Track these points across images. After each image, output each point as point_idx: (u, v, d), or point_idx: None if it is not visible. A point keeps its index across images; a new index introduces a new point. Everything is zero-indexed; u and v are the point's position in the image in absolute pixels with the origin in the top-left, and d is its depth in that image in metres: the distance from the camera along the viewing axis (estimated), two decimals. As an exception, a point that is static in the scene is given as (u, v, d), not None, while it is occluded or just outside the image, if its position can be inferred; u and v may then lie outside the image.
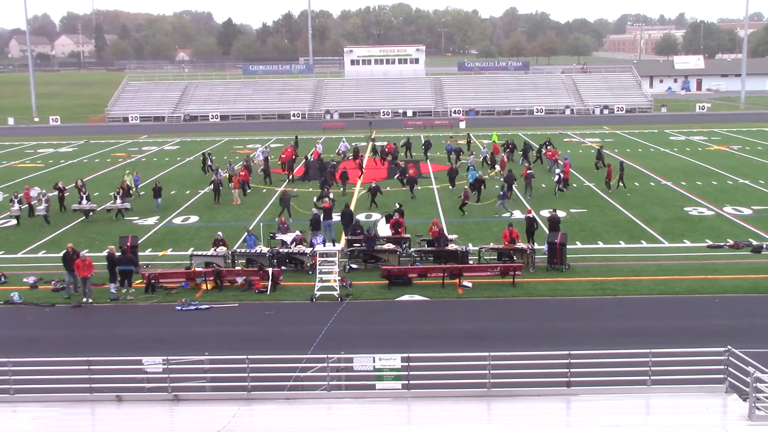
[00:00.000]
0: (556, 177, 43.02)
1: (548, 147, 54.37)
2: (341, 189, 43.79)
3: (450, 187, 44.47)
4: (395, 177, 46.36)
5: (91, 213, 38.36)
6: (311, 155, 55.31)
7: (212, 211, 39.82)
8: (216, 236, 30.14)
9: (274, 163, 51.85)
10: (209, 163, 51.17)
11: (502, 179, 42.48)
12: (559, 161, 47.79)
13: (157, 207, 39.52)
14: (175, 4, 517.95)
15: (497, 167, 49.99)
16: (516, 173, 44.19)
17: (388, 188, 44.07)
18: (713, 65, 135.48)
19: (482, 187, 41.31)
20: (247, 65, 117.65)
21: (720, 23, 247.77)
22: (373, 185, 39.48)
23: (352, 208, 36.17)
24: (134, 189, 43.23)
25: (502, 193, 38.05)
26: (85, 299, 25.60)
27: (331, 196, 36.58)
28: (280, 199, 37.99)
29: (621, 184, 43.22)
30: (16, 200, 37.80)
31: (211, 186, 42.69)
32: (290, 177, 48.78)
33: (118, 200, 38.80)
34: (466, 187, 40.51)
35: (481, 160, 51.97)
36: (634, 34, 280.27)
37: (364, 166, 50.88)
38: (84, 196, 38.59)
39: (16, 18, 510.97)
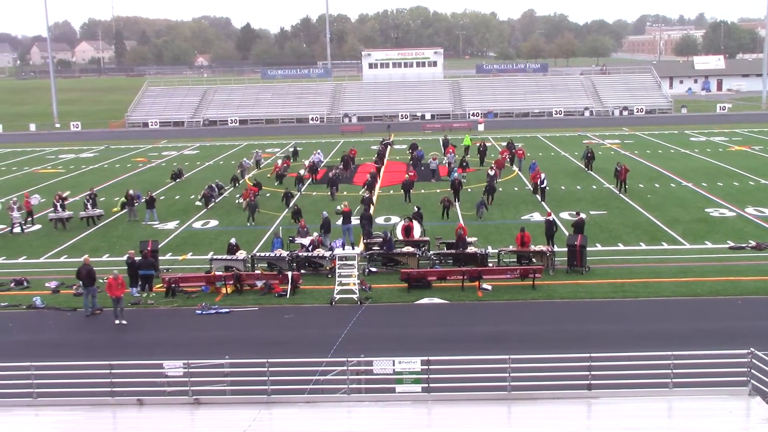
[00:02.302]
0: (543, 183, 41.95)
1: (517, 147, 55.04)
2: (329, 194, 43.74)
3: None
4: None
5: (68, 221, 38.41)
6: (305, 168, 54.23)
7: (231, 216, 39.96)
8: (229, 243, 30.25)
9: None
10: (176, 172, 52.74)
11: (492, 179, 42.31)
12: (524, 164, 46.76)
13: (147, 218, 39.00)
14: (193, 10, 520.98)
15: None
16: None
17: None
18: (734, 65, 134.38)
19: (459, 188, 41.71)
20: (265, 70, 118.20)
21: (740, 23, 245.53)
22: (366, 196, 38.17)
23: (372, 211, 36.18)
24: (136, 200, 42.62)
25: (481, 200, 38.40)
26: (117, 320, 24.51)
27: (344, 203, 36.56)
28: (247, 204, 38.74)
29: (624, 186, 43.02)
30: (22, 205, 38.39)
31: (202, 197, 42.71)
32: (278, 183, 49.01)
33: (89, 208, 38.94)
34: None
35: (445, 163, 51.62)
36: (653, 34, 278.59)
37: (382, 170, 50.96)
38: (59, 205, 38.70)
39: (38, 25, 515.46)
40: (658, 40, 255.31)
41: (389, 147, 60.68)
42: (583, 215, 32.12)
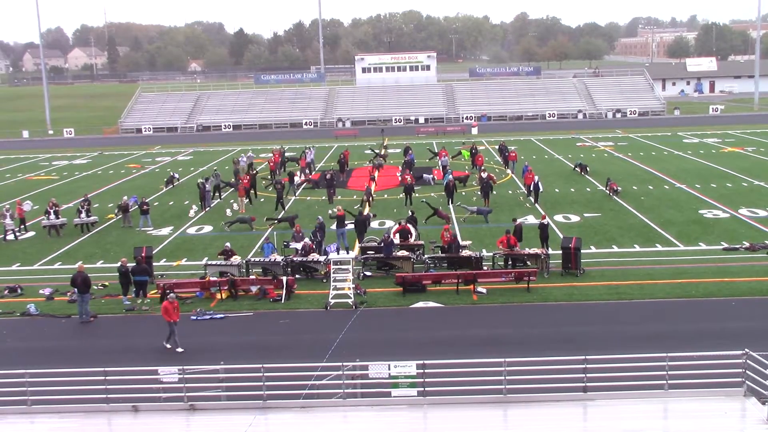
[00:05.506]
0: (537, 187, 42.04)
1: (510, 150, 54.88)
2: (327, 197, 43.80)
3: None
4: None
5: (61, 227, 38.24)
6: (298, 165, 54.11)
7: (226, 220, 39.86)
8: (224, 247, 30.18)
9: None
10: (174, 176, 53.07)
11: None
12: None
13: (141, 224, 38.92)
14: (186, 15, 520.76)
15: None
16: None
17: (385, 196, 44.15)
18: (726, 67, 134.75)
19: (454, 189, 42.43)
20: (258, 75, 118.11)
21: (732, 24, 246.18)
22: (360, 210, 37.77)
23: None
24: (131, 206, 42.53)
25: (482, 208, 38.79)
26: (178, 348, 22.35)
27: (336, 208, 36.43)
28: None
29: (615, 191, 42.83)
30: (8, 214, 38.32)
31: (198, 185, 43.04)
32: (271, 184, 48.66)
33: (83, 214, 38.89)
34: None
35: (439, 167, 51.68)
36: (645, 37, 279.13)
37: (376, 175, 50.96)
38: (52, 211, 38.49)
39: (30, 32, 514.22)
40: (650, 42, 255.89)
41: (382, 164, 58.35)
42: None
